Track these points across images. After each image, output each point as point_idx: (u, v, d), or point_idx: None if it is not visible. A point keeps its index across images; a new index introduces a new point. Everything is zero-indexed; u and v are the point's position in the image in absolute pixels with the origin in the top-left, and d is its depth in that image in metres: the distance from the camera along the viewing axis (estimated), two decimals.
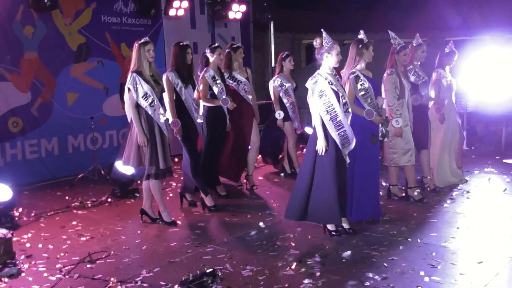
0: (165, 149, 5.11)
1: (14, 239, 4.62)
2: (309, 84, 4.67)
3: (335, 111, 4.56)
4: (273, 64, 10.90)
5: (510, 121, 9.07)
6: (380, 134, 5.12)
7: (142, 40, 5.04)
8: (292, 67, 7.09)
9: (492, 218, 5.23)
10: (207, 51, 6.12)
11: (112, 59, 8.25)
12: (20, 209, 5.89)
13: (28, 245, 4.81)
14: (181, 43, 5.61)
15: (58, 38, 7.57)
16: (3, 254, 4.21)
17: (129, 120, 5.16)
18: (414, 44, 6.05)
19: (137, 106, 5.01)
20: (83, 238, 4.98)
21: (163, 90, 5.26)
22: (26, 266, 4.27)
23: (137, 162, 5.11)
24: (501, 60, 8.41)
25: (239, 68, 6.52)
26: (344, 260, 4.26)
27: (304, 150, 5.17)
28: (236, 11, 9.48)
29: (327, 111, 4.58)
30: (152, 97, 4.98)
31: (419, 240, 4.63)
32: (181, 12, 8.73)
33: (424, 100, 6.10)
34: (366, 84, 4.98)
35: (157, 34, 8.68)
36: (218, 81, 6.08)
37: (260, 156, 7.72)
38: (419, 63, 6.12)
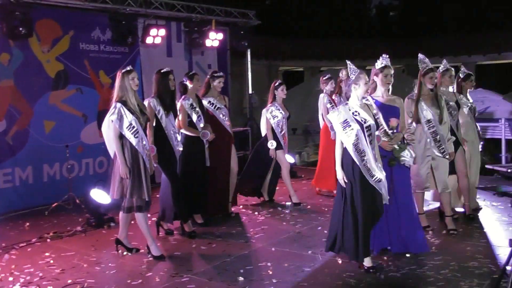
0: (147, 180, 5.05)
1: None
2: (331, 115, 4.65)
3: (358, 140, 4.42)
4: (250, 91, 10.99)
5: (483, 146, 9.21)
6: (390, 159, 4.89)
7: (127, 69, 5.02)
8: (284, 95, 7.18)
9: None
10: (185, 78, 6.16)
11: (91, 86, 8.24)
12: None
13: None
14: (162, 70, 5.64)
15: (36, 65, 7.54)
16: None
17: (111, 153, 5.10)
18: (441, 70, 5.91)
19: (121, 137, 4.96)
20: (56, 270, 4.88)
21: (148, 120, 5.22)
22: None
23: (120, 193, 5.02)
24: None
25: (217, 96, 6.56)
26: None
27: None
28: (213, 39, 9.57)
29: (351, 141, 4.45)
30: (136, 127, 4.92)
31: None
32: (158, 40, 8.78)
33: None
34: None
35: (134, 62, 8.71)
36: (196, 109, 6.10)
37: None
38: (448, 88, 5.97)
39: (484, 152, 6.59)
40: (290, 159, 6.90)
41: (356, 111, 4.47)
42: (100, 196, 6.37)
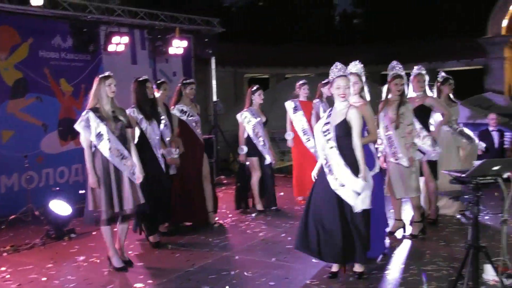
0: (123, 191, 4.85)
1: None
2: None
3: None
4: (214, 98, 10.96)
5: None
6: None
7: (104, 74, 4.89)
8: (261, 100, 7.14)
9: None
10: (153, 87, 6.10)
11: (51, 94, 8.05)
12: None
13: None
14: (139, 78, 5.62)
15: None
16: None
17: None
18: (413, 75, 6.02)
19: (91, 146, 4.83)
20: (13, 286, 4.73)
21: (126, 126, 4.97)
22: None
23: (93, 206, 4.84)
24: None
25: (190, 104, 6.49)
26: None
27: None
28: (177, 47, 9.51)
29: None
30: (106, 135, 4.76)
31: None
32: (121, 48, 8.68)
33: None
34: None
35: (96, 70, 8.56)
36: (163, 117, 6.04)
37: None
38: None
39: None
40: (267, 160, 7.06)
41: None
42: (60, 207, 6.24)
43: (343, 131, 4.37)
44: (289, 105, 7.61)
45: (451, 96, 6.67)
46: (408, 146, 5.54)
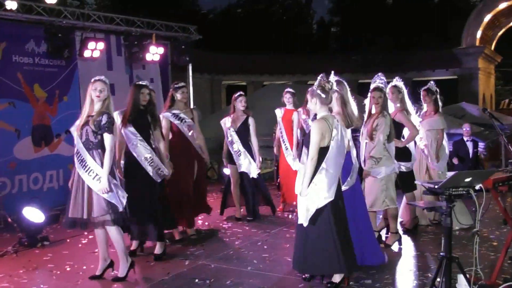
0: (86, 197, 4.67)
1: None
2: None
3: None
4: (192, 105, 10.91)
5: None
6: None
7: (95, 78, 4.83)
8: (242, 107, 7.16)
9: None
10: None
11: (25, 100, 7.92)
12: None
13: None
14: (137, 82, 5.65)
15: None
16: None
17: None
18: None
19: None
20: None
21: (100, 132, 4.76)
22: None
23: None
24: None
25: (184, 108, 6.42)
26: None
27: None
28: (154, 53, 9.47)
29: None
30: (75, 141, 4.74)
31: None
32: (96, 54, 8.59)
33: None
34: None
35: (71, 75, 8.49)
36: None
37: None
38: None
39: None
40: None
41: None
42: (33, 214, 6.13)
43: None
44: (277, 112, 7.79)
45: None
46: (368, 157, 5.61)
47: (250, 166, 7.12)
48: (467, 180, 3.54)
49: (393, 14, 28.21)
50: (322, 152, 4.34)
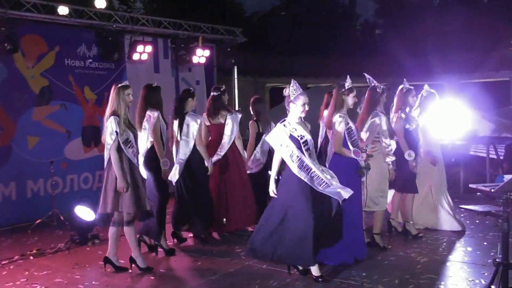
0: (142, 192, 5.02)
1: None
2: (269, 138, 4.81)
3: (299, 158, 4.63)
4: (236, 108, 10.99)
5: (467, 164, 9.31)
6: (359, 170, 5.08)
7: (123, 84, 5.05)
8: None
9: None
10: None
11: (75, 102, 8.19)
12: None
13: None
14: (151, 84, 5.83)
15: (20, 81, 7.48)
16: None
17: (106, 162, 4.96)
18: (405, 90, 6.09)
19: (119, 150, 4.88)
20: None
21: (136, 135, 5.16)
22: None
23: (114, 207, 4.88)
24: (455, 104, 8.72)
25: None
26: None
27: None
28: (200, 56, 9.58)
29: (292, 160, 4.65)
30: (131, 141, 4.94)
31: None
32: (144, 57, 8.78)
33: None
34: (353, 126, 5.13)
35: (120, 78, 8.65)
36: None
37: None
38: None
39: None
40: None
41: (293, 128, 4.71)
42: (84, 213, 6.30)
43: None
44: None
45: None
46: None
47: None
48: None
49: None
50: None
